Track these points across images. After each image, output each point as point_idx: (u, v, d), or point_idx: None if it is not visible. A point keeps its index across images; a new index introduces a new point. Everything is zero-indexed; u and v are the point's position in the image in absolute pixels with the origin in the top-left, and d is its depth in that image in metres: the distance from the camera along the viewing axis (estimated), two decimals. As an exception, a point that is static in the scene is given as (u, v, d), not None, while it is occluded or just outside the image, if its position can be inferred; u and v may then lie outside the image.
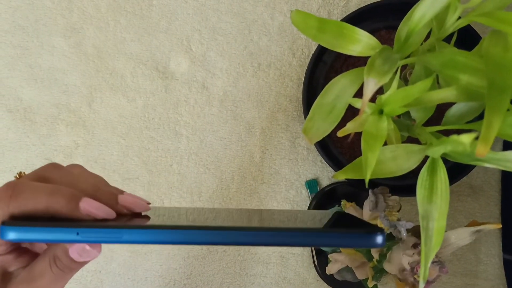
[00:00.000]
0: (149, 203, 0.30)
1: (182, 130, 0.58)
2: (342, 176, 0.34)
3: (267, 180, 0.58)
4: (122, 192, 0.30)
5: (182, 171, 0.58)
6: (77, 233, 0.26)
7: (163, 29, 0.58)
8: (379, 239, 0.26)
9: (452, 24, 0.32)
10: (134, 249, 0.58)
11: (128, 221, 0.28)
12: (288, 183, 0.58)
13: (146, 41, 0.58)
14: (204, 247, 0.58)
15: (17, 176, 0.30)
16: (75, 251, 0.28)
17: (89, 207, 0.27)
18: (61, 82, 0.58)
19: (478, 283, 0.59)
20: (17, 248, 0.29)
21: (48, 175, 0.29)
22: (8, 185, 0.27)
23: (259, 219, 0.31)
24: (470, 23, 0.33)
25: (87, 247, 0.27)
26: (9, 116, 0.57)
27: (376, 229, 0.27)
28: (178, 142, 0.58)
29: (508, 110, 0.27)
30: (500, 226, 0.40)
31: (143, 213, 0.30)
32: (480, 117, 0.28)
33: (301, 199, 0.58)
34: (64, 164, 0.35)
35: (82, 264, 0.29)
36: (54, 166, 0.30)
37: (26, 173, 0.29)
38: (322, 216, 0.33)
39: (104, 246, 0.58)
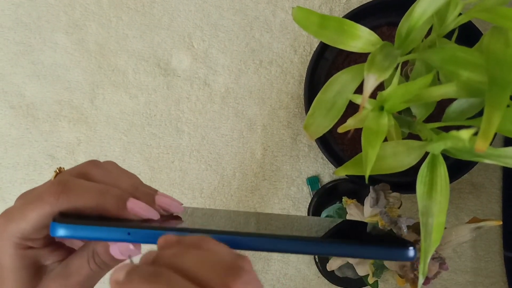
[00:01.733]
0: (182, 204, 0.30)
1: (184, 127, 0.58)
2: (342, 172, 0.35)
3: (268, 177, 0.58)
4: (156, 191, 0.30)
5: (184, 168, 0.58)
6: (128, 233, 0.26)
7: (165, 26, 0.58)
8: (411, 252, 0.26)
9: (453, 20, 0.32)
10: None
11: (167, 222, 0.28)
12: (289, 180, 0.59)
13: (148, 37, 0.58)
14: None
15: (57, 171, 0.30)
16: (117, 249, 0.28)
17: (136, 207, 0.28)
18: (64, 79, 0.58)
19: (479, 280, 0.59)
20: (53, 242, 0.30)
21: (90, 173, 0.29)
22: (59, 181, 0.27)
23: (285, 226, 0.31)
24: (471, 19, 0.33)
25: (131, 246, 0.28)
26: (11, 113, 0.58)
27: (407, 243, 0.27)
28: (179, 139, 0.58)
29: (508, 106, 0.27)
30: (501, 223, 0.40)
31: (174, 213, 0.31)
32: (481, 113, 0.28)
33: (302, 196, 0.58)
34: (69, 160, 0.36)
35: (120, 261, 0.29)
36: (94, 164, 0.30)
37: (65, 169, 0.30)
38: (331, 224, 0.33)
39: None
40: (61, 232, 0.26)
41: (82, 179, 0.28)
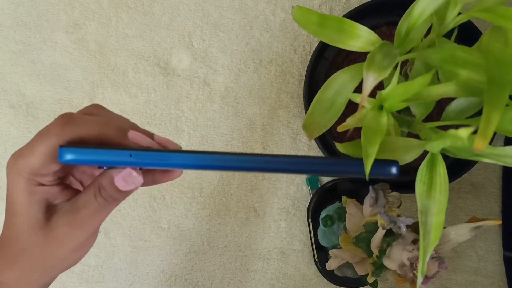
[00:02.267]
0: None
1: (184, 126, 0.58)
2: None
3: (268, 177, 0.58)
4: (153, 133, 0.32)
5: (184, 167, 0.58)
6: (130, 155, 0.28)
7: (165, 25, 0.58)
8: (394, 169, 0.29)
9: (453, 19, 0.32)
10: (135, 244, 0.58)
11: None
12: (289, 180, 0.59)
13: (148, 37, 0.58)
14: (205, 242, 0.58)
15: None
16: (121, 178, 0.30)
17: (136, 136, 0.30)
18: (64, 78, 0.58)
19: (478, 280, 0.59)
20: (62, 183, 0.31)
21: (93, 111, 0.31)
22: (64, 115, 0.29)
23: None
24: (470, 18, 0.33)
25: (134, 172, 0.29)
26: (11, 112, 0.58)
27: (392, 161, 0.29)
28: (179, 138, 0.58)
29: (507, 105, 0.27)
30: (500, 222, 0.40)
31: None
32: (480, 112, 0.28)
33: (302, 196, 0.59)
34: None
35: (125, 194, 0.31)
36: (97, 106, 0.32)
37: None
38: None
39: (106, 241, 0.58)
40: (68, 156, 0.28)
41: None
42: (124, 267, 0.59)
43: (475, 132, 0.25)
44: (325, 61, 0.54)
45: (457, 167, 0.51)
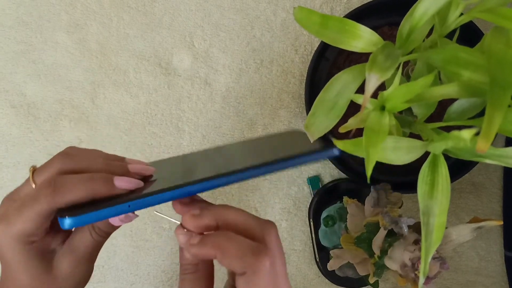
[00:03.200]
0: (149, 166, 0.34)
1: (185, 126, 0.58)
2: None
3: (269, 177, 0.58)
4: (123, 159, 0.34)
5: (185, 167, 0.58)
6: (129, 206, 0.30)
7: (166, 25, 0.58)
8: (336, 151, 0.35)
9: (454, 20, 0.32)
10: (136, 245, 0.58)
11: (149, 184, 0.33)
12: (290, 180, 0.59)
13: (149, 37, 0.58)
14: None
15: (32, 169, 0.32)
16: (117, 218, 0.31)
17: (123, 183, 0.31)
18: (65, 78, 0.58)
19: (479, 280, 0.59)
20: (52, 229, 0.32)
21: (67, 167, 0.31)
22: (48, 182, 0.30)
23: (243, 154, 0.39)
24: (472, 19, 0.33)
25: (130, 213, 0.32)
26: (12, 112, 0.58)
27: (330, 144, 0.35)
28: (180, 138, 0.58)
29: (509, 106, 0.27)
30: (501, 223, 0.40)
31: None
32: (482, 113, 0.28)
33: (303, 196, 0.59)
34: None
35: (117, 228, 0.34)
36: (64, 156, 0.32)
37: (37, 166, 0.32)
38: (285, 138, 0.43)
39: (107, 242, 0.58)
40: (71, 224, 0.29)
41: (63, 174, 0.30)
42: (125, 267, 0.59)
43: (477, 133, 0.25)
44: (326, 61, 0.54)
45: (459, 167, 0.51)
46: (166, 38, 0.58)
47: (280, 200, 0.58)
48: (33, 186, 0.31)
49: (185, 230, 0.31)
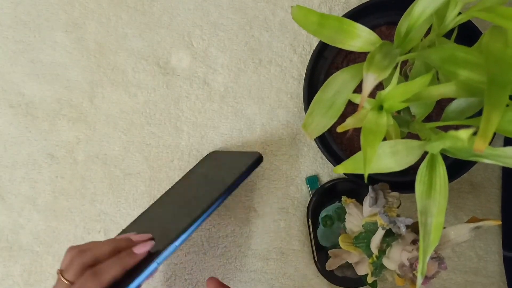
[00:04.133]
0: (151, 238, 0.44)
1: (183, 126, 0.58)
2: (341, 170, 0.34)
3: (267, 176, 0.58)
4: (128, 237, 0.44)
5: (183, 167, 0.58)
6: (157, 263, 0.40)
7: (165, 24, 0.58)
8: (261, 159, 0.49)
9: (452, 19, 0.32)
10: (135, 244, 0.58)
11: (158, 242, 0.43)
12: (288, 179, 0.58)
13: (147, 36, 0.58)
14: (205, 242, 0.58)
15: (59, 271, 0.39)
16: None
17: (142, 248, 0.41)
18: (63, 77, 0.58)
19: (478, 280, 0.59)
20: None
21: (88, 260, 0.39)
22: (91, 272, 0.37)
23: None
24: (470, 18, 0.33)
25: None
26: (11, 111, 0.58)
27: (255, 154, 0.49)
28: (179, 138, 0.58)
29: (507, 105, 0.27)
30: (500, 222, 0.39)
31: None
32: (480, 113, 0.28)
33: (301, 195, 0.58)
34: (68, 159, 0.37)
35: None
36: (81, 251, 0.40)
37: (63, 269, 0.40)
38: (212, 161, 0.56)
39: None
40: None
41: (87, 267, 0.38)
42: (123, 267, 0.59)
43: (475, 133, 0.25)
44: (325, 61, 0.54)
45: (457, 167, 0.51)
46: (165, 37, 0.58)
47: (279, 200, 0.58)
48: (66, 283, 0.37)
49: None
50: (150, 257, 0.41)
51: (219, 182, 0.48)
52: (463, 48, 0.29)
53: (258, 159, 0.49)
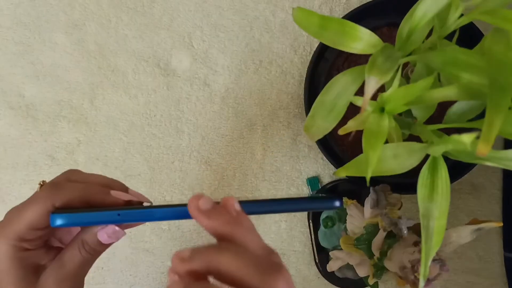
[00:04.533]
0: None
1: (184, 127, 0.58)
2: (343, 173, 0.34)
3: (268, 178, 0.58)
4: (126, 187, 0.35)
5: (184, 168, 0.58)
6: (118, 214, 0.31)
7: (165, 26, 0.58)
8: (337, 202, 0.33)
9: (454, 22, 0.32)
10: (136, 246, 0.58)
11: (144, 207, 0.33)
12: (289, 180, 0.58)
13: (147, 38, 0.58)
14: (205, 242, 0.58)
15: (41, 183, 0.33)
16: (105, 233, 0.32)
17: (119, 193, 0.32)
18: (63, 79, 0.58)
19: (479, 281, 0.59)
20: (46, 244, 0.33)
21: (72, 177, 0.33)
22: (49, 183, 0.31)
23: None
24: (472, 20, 0.33)
25: (117, 228, 0.32)
26: (11, 113, 0.58)
27: (334, 196, 0.33)
28: (179, 139, 0.58)
29: (509, 108, 0.27)
30: (501, 224, 0.39)
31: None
32: (482, 115, 0.27)
33: (302, 197, 0.58)
34: (68, 160, 0.36)
35: (107, 246, 0.33)
36: (75, 170, 0.34)
37: (47, 181, 0.33)
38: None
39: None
40: (60, 221, 0.30)
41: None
42: (124, 269, 0.59)
43: (477, 137, 0.25)
44: (326, 62, 0.54)
45: (458, 168, 0.51)
46: (165, 38, 0.58)
47: (280, 201, 0.58)
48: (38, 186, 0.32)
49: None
50: (123, 207, 0.32)
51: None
52: (465, 51, 0.29)
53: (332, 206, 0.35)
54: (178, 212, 0.31)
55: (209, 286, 0.24)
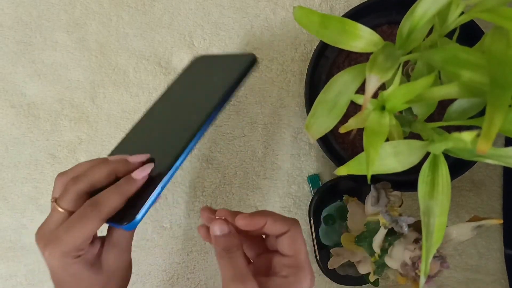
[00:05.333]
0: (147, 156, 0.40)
1: (185, 126, 0.58)
2: (344, 171, 0.35)
3: (269, 175, 0.58)
4: (123, 157, 0.39)
5: (185, 166, 0.58)
6: (161, 187, 0.37)
7: (166, 24, 0.58)
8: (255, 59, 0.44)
9: (454, 20, 0.32)
10: (137, 244, 0.58)
11: (158, 163, 0.39)
12: (290, 178, 0.59)
13: (148, 36, 0.58)
14: (207, 242, 0.58)
15: (53, 200, 0.36)
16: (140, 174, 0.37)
17: (141, 173, 0.37)
18: (64, 78, 0.58)
19: (479, 278, 0.59)
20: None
21: (83, 186, 0.36)
22: (90, 203, 0.35)
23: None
24: (472, 19, 0.33)
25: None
26: (12, 112, 0.58)
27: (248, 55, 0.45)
28: (180, 137, 0.58)
29: (510, 106, 0.27)
30: (501, 221, 0.40)
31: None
32: (482, 112, 0.28)
33: (303, 194, 0.59)
34: (70, 159, 0.36)
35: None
36: (75, 179, 0.36)
37: (57, 197, 0.37)
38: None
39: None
40: (135, 224, 0.35)
41: (84, 193, 0.36)
42: (126, 266, 0.59)
43: (478, 135, 0.25)
44: (326, 60, 0.54)
45: (458, 165, 0.51)
46: (166, 37, 0.58)
47: (280, 199, 0.59)
48: (62, 211, 0.35)
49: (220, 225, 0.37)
50: (152, 180, 0.37)
51: (213, 89, 0.44)
52: (466, 49, 0.29)
53: (252, 61, 0.45)
54: (190, 148, 0.39)
55: (264, 210, 0.38)
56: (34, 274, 0.57)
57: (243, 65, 0.44)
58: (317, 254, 0.57)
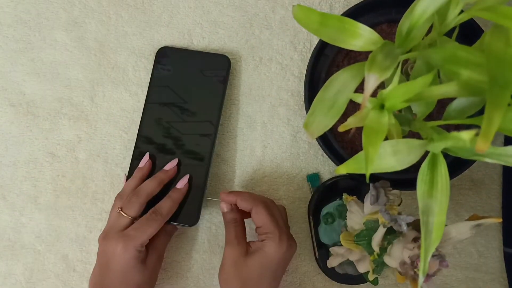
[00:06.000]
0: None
1: (184, 124, 0.58)
2: (343, 170, 0.34)
3: (268, 174, 0.58)
4: (164, 171, 0.54)
5: (184, 165, 0.58)
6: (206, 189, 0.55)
7: (165, 22, 0.58)
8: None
9: (454, 18, 0.32)
10: (136, 242, 0.58)
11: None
12: (289, 177, 0.59)
13: (148, 35, 0.58)
14: (207, 240, 0.58)
15: (119, 209, 0.49)
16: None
17: (182, 183, 0.53)
18: (64, 76, 0.58)
19: (479, 276, 0.59)
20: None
21: (144, 200, 0.50)
22: (153, 210, 0.50)
23: None
24: (472, 17, 0.33)
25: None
26: (12, 110, 0.58)
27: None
28: (180, 136, 0.58)
29: (509, 105, 0.27)
30: (501, 220, 0.40)
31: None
32: (481, 111, 0.28)
33: (302, 193, 0.59)
34: (69, 157, 0.36)
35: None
36: (135, 193, 0.51)
37: (122, 207, 0.50)
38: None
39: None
40: (193, 225, 0.53)
41: (147, 199, 0.50)
42: (125, 265, 0.59)
43: (477, 134, 0.25)
44: (326, 59, 0.54)
45: (458, 164, 0.51)
46: (165, 35, 0.58)
47: (280, 197, 0.59)
48: (128, 217, 0.48)
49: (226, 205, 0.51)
50: (195, 187, 0.53)
51: (211, 90, 0.55)
52: (465, 48, 0.29)
53: (228, 67, 0.55)
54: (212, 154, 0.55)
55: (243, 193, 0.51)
56: (32, 272, 0.57)
57: (224, 71, 0.55)
58: (316, 252, 0.57)
